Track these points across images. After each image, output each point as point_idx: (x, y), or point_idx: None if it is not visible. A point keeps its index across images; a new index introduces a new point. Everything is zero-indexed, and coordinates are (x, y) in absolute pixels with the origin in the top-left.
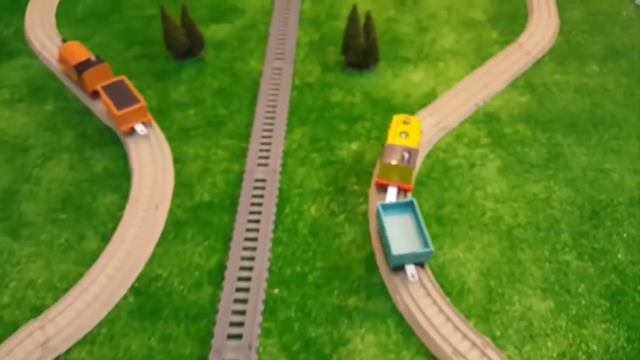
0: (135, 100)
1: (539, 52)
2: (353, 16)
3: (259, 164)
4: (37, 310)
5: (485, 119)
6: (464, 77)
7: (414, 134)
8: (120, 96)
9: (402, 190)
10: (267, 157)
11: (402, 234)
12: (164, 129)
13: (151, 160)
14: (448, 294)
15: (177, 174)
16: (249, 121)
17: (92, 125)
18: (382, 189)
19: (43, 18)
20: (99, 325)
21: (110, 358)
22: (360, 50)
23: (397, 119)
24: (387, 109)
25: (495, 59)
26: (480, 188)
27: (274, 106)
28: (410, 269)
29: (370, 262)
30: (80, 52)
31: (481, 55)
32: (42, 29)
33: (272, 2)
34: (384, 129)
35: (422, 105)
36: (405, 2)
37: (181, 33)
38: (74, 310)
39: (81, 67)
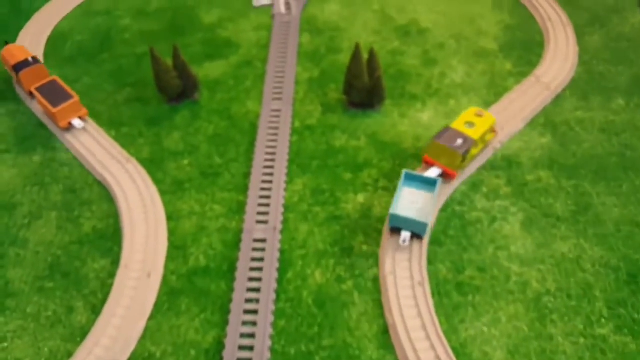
0: (68, 97)
1: (558, 86)
2: (356, 55)
3: (258, 221)
4: None
5: (504, 165)
6: None
7: (481, 127)
8: (54, 94)
9: (446, 175)
10: (266, 213)
11: (410, 202)
12: (157, 182)
13: (143, 219)
14: None
15: (171, 233)
16: (246, 170)
17: (81, 179)
18: (427, 166)
19: None
20: None
21: None
22: (364, 90)
23: (471, 110)
24: (394, 154)
25: (511, 94)
26: (503, 247)
27: (273, 153)
28: (404, 234)
29: (383, 340)
30: (20, 53)
31: (495, 90)
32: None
33: (268, 35)
34: (392, 177)
35: None
36: (410, 32)
37: (173, 76)
38: None
39: (18, 67)
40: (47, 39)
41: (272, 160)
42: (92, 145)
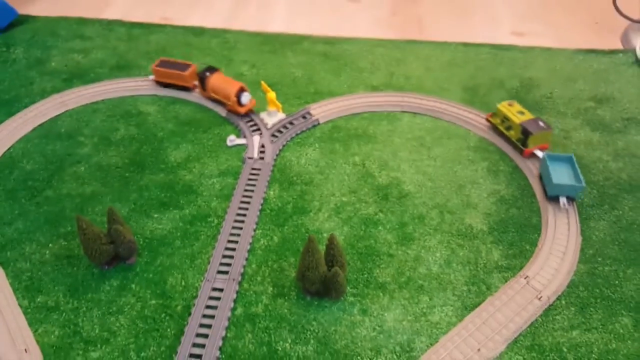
0: None
1: (552, 294)
2: (308, 248)
3: None
4: None
5: None
6: (453, 326)
7: (524, 111)
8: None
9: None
10: None
11: (561, 172)
12: None
13: None
14: None
15: None
16: None
17: None
18: (530, 155)
19: None
20: None
21: None
22: (318, 281)
23: (502, 106)
24: None
25: (495, 299)
26: None
27: (199, 355)
28: (562, 199)
29: None
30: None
31: (477, 289)
32: None
33: (234, 183)
34: None
35: None
36: (389, 196)
37: (104, 243)
38: None
39: None
40: None
41: None
42: None
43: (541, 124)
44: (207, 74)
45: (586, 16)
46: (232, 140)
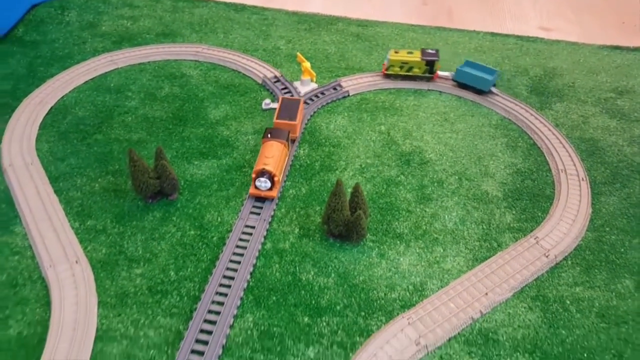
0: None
1: (559, 254)
2: (336, 191)
3: None
4: None
5: (480, 341)
6: (464, 273)
7: (412, 50)
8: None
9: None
10: (201, 353)
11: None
12: (101, 290)
13: (70, 336)
14: None
15: (94, 357)
16: (198, 293)
17: (26, 273)
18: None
19: (26, 128)
20: None
21: None
22: (342, 224)
23: (393, 56)
24: (362, 303)
25: (505, 253)
26: None
27: (231, 278)
28: (495, 89)
29: None
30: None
31: (488, 244)
32: (18, 143)
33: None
34: (351, 333)
35: (406, 304)
36: (411, 162)
37: (151, 177)
38: None
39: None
40: (50, 108)
41: (229, 286)
42: (50, 237)
43: (432, 51)
44: (268, 135)
45: (614, 16)
46: (267, 104)
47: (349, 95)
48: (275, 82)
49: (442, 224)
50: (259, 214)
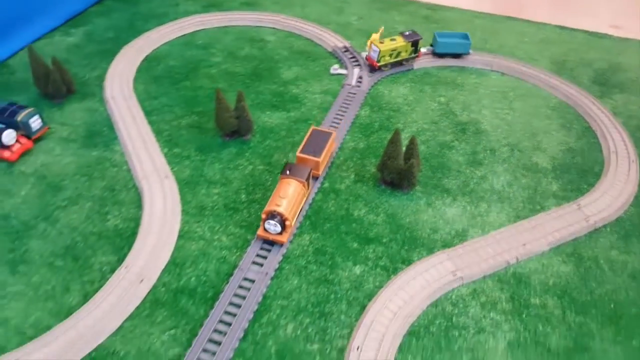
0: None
1: (600, 221)
2: (394, 139)
3: (254, 262)
4: None
5: (513, 281)
6: (504, 226)
7: (394, 37)
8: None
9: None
10: (264, 257)
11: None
12: (184, 201)
13: (158, 231)
14: None
15: (177, 249)
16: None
17: (123, 181)
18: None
19: (125, 69)
20: None
21: None
22: (395, 172)
23: (383, 46)
24: (406, 239)
25: (546, 215)
26: None
27: None
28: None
29: None
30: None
31: (532, 206)
32: (119, 81)
33: (332, 100)
34: (395, 259)
35: (447, 245)
36: (467, 130)
37: (231, 116)
38: None
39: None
40: (145, 56)
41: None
42: (144, 156)
43: (411, 32)
44: (287, 171)
45: None
46: (335, 69)
47: (412, 69)
48: (344, 51)
49: (490, 185)
50: None
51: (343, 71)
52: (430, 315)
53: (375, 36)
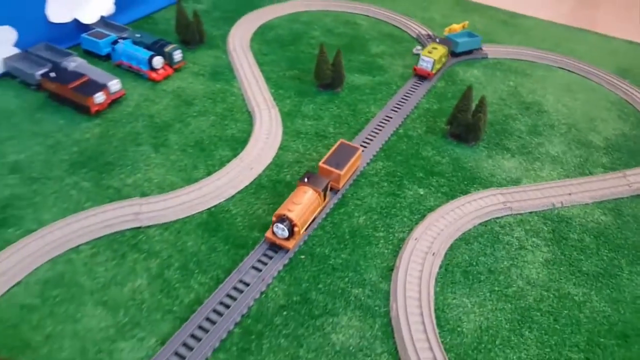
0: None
1: None
2: (466, 94)
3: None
4: (144, 195)
5: (556, 219)
6: (554, 181)
7: (436, 46)
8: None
9: None
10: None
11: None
12: (284, 126)
13: (264, 140)
14: (440, 326)
15: (277, 156)
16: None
17: (238, 106)
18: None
19: (244, 32)
20: (175, 222)
21: (170, 243)
22: (463, 124)
23: (435, 56)
24: (466, 176)
25: (593, 177)
26: (519, 267)
27: (371, 138)
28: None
29: (385, 274)
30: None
31: (581, 171)
32: (239, 39)
33: (413, 73)
34: (456, 189)
35: (501, 186)
36: (531, 108)
37: (329, 68)
38: (164, 205)
39: None
40: (260, 25)
41: (368, 143)
42: (256, 91)
43: (441, 38)
44: (305, 179)
45: None
46: (418, 49)
47: (487, 57)
48: (427, 38)
49: (546, 150)
50: (397, 110)
51: None
52: (480, 230)
53: (455, 27)
